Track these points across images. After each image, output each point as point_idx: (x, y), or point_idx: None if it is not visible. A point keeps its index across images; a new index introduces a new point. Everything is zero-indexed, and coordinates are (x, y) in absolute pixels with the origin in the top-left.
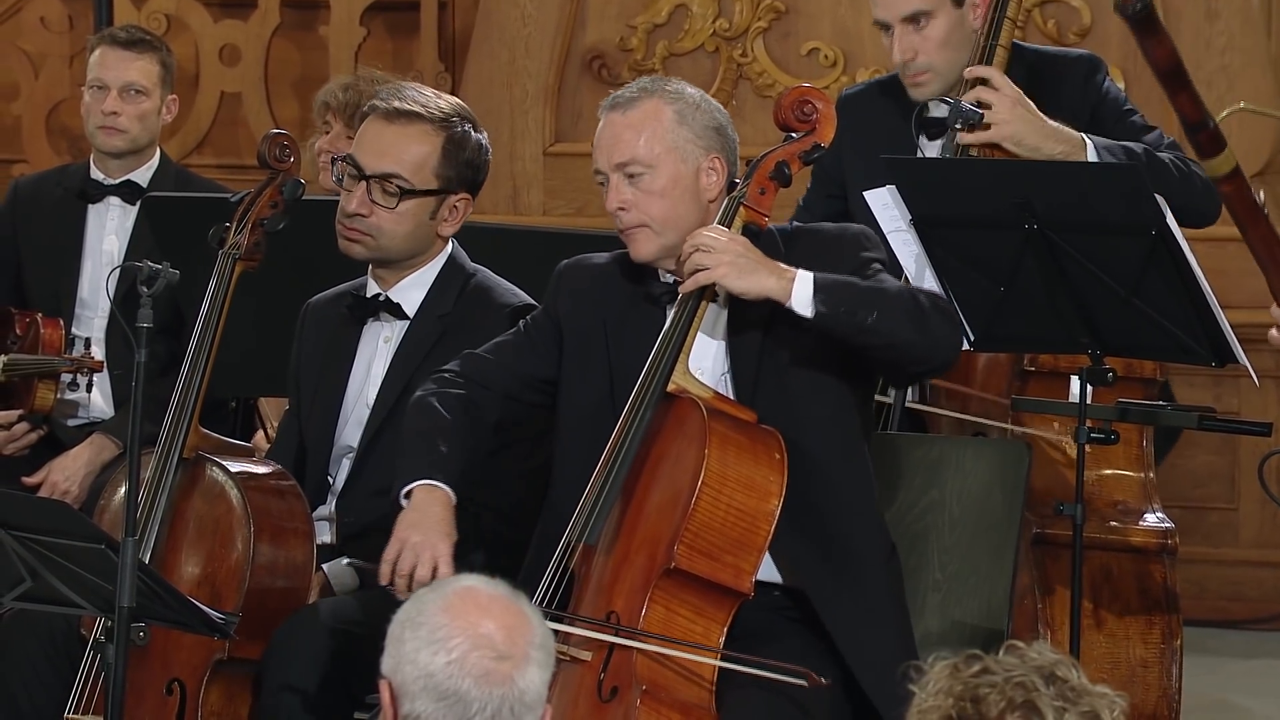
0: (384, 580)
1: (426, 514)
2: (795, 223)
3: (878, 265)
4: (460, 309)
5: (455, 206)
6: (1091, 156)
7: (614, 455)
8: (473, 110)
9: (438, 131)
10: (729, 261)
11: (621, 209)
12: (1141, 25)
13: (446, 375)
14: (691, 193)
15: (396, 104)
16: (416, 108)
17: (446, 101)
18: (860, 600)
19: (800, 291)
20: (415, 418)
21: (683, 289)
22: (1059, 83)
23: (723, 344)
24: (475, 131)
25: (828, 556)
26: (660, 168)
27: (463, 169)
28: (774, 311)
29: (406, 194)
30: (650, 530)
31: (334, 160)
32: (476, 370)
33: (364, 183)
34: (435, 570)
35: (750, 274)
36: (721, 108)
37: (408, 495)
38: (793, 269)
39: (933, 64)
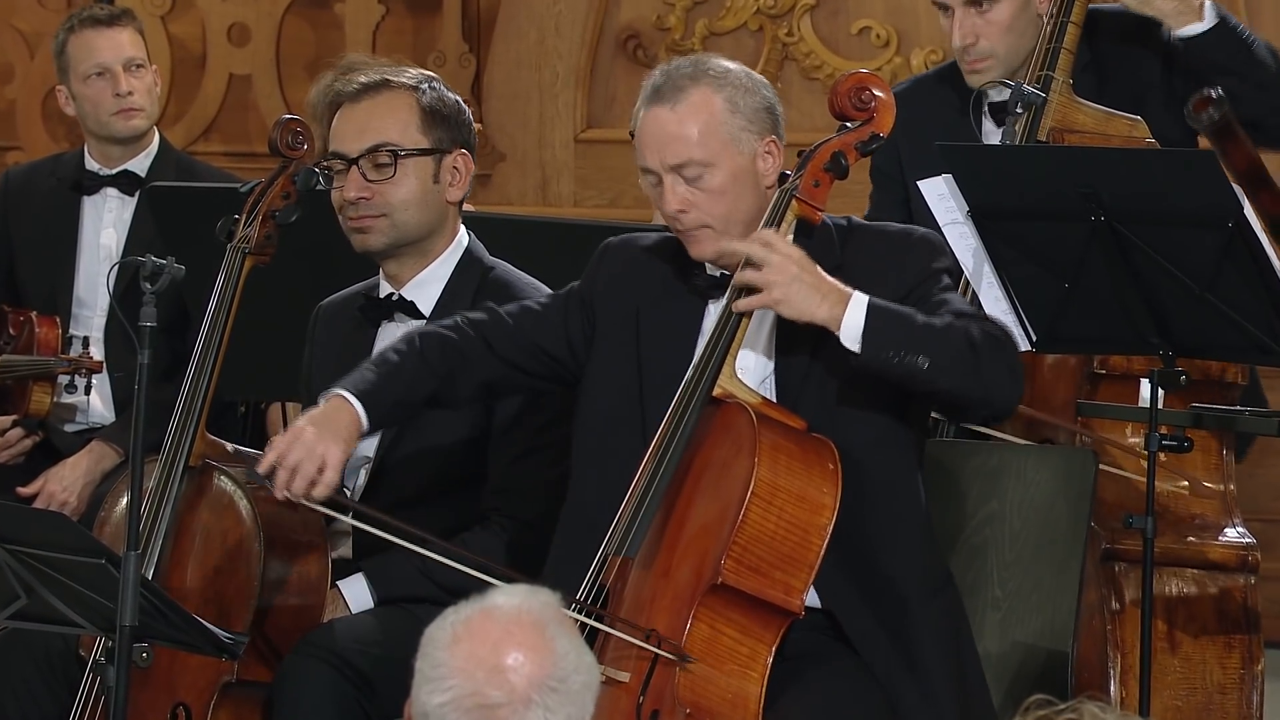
0: (262, 468)
1: (329, 418)
2: (854, 218)
3: (946, 279)
4: (479, 305)
5: (455, 167)
6: (1209, 15)
7: (655, 463)
8: (499, 94)
9: (409, 93)
10: (783, 284)
11: (682, 211)
12: (1220, 134)
13: (458, 318)
14: (751, 183)
15: (361, 80)
16: (381, 77)
17: (411, 70)
18: (899, 643)
19: (851, 322)
20: (391, 344)
21: (735, 308)
22: (1148, 30)
23: (769, 347)
24: (447, 91)
25: (863, 594)
26: (719, 165)
27: (448, 125)
28: None
29: (401, 157)
30: (694, 543)
31: (318, 164)
32: (486, 324)
33: (353, 167)
34: (321, 471)
35: (803, 300)
36: (766, 82)
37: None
38: (849, 292)
39: (994, 50)
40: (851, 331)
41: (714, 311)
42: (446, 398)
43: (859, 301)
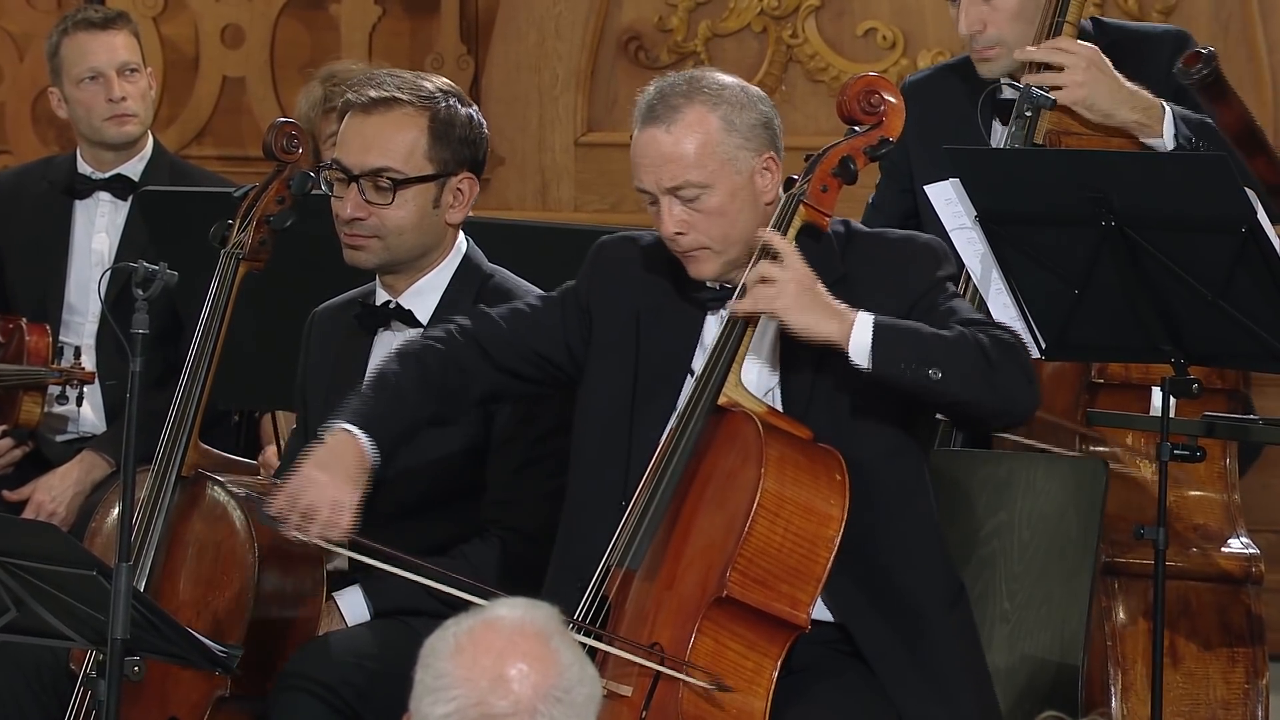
0: (274, 510)
1: (338, 457)
2: (851, 221)
3: (950, 286)
4: (469, 310)
5: (459, 190)
6: (1169, 128)
7: (659, 472)
8: (498, 97)
9: (420, 112)
10: (792, 294)
11: (680, 233)
12: (1209, 91)
13: (451, 327)
14: (750, 202)
15: (372, 92)
16: (393, 92)
17: (430, 82)
18: (919, 657)
19: (859, 339)
20: (387, 362)
21: (736, 309)
22: (1142, 61)
23: (774, 358)
24: (463, 105)
25: (880, 608)
26: (716, 185)
27: (457, 147)
28: None
29: (401, 185)
30: (699, 555)
31: (317, 167)
32: (482, 333)
33: (354, 184)
34: (336, 515)
35: (809, 314)
36: (763, 95)
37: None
38: (854, 312)
39: (1002, 37)
40: (860, 348)
41: (712, 323)
42: (449, 415)
43: (864, 319)
